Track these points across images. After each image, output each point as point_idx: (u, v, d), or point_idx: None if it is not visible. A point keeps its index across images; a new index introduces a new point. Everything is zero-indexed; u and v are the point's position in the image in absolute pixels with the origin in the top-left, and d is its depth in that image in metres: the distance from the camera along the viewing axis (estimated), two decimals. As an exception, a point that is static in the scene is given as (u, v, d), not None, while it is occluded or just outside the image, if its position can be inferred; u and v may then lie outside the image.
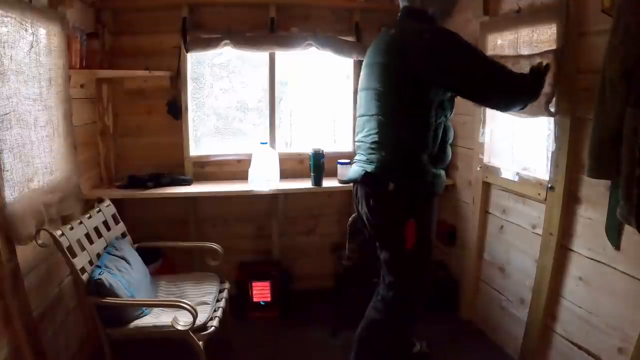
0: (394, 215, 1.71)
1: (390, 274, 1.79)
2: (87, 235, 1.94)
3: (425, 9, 1.70)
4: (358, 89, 1.87)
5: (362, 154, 1.79)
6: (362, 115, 1.80)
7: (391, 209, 1.71)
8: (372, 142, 1.72)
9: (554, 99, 1.76)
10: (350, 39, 2.75)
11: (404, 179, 1.68)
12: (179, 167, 2.74)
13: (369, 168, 1.71)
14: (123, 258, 2.00)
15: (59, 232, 1.76)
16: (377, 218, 1.75)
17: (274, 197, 2.81)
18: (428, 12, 1.70)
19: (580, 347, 1.74)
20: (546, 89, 1.69)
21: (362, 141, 1.79)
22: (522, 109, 1.67)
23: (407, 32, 1.68)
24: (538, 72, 1.66)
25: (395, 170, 1.69)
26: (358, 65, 2.80)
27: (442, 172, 1.80)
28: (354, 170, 1.80)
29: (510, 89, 1.63)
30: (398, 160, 1.69)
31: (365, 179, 1.73)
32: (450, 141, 1.82)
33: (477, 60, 1.62)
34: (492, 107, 1.77)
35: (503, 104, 1.69)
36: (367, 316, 1.88)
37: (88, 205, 2.27)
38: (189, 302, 1.75)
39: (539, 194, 1.93)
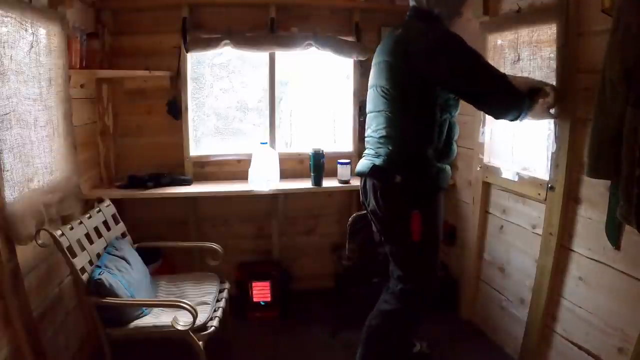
0: (400, 207, 1.74)
1: (398, 268, 1.82)
2: (87, 235, 1.94)
3: (431, 10, 1.72)
4: (368, 86, 1.91)
5: (370, 148, 1.84)
6: (371, 112, 1.85)
7: (397, 201, 1.75)
8: (380, 137, 1.77)
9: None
10: (350, 39, 2.75)
11: (410, 172, 1.72)
12: (179, 167, 2.74)
13: (377, 161, 1.76)
14: (123, 258, 2.00)
15: (59, 232, 1.75)
16: (384, 210, 1.78)
17: (274, 197, 2.81)
18: (434, 12, 1.72)
19: (580, 347, 1.74)
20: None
21: (371, 136, 1.84)
22: (513, 119, 1.69)
23: (412, 32, 1.71)
24: (534, 89, 1.71)
25: (402, 164, 1.73)
26: (358, 65, 2.80)
27: (448, 167, 1.82)
28: (363, 163, 1.85)
29: (508, 98, 1.65)
30: (404, 154, 1.74)
31: (372, 172, 1.77)
32: (455, 138, 1.83)
33: (479, 65, 1.65)
34: (488, 112, 1.78)
35: (502, 110, 1.69)
36: (377, 308, 1.89)
37: (88, 205, 2.27)
38: (189, 302, 1.75)
39: (539, 194, 1.93)
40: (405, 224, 1.72)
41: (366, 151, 1.88)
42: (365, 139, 1.89)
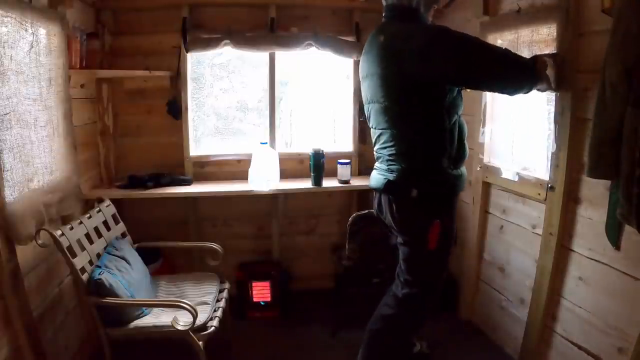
0: (418, 219, 1.70)
1: (407, 272, 1.78)
2: (87, 235, 1.94)
3: (410, 3, 1.63)
4: (363, 101, 1.85)
5: (382, 163, 1.79)
6: (374, 128, 1.79)
7: (415, 214, 1.70)
8: (390, 155, 1.72)
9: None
10: (350, 39, 2.75)
11: (427, 185, 1.68)
12: (179, 167, 2.74)
13: (391, 177, 1.71)
14: (123, 258, 1.99)
15: (59, 232, 1.75)
16: (401, 224, 1.74)
17: (274, 197, 2.81)
18: (413, 5, 1.63)
19: (580, 347, 1.74)
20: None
21: (380, 153, 1.79)
22: (528, 91, 1.63)
23: (397, 36, 1.61)
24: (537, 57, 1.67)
25: (417, 177, 1.69)
26: (358, 65, 2.80)
27: (464, 171, 1.77)
28: (376, 178, 1.80)
29: (517, 73, 1.58)
30: (419, 168, 1.69)
31: (387, 188, 1.72)
32: (465, 137, 1.77)
33: (477, 49, 1.56)
34: (501, 92, 1.70)
35: (515, 87, 1.62)
36: (378, 312, 1.87)
37: (88, 205, 2.27)
38: (189, 302, 1.75)
39: (539, 194, 1.93)
40: (423, 234, 1.68)
41: (378, 164, 1.82)
42: (375, 152, 1.84)
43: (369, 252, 2.30)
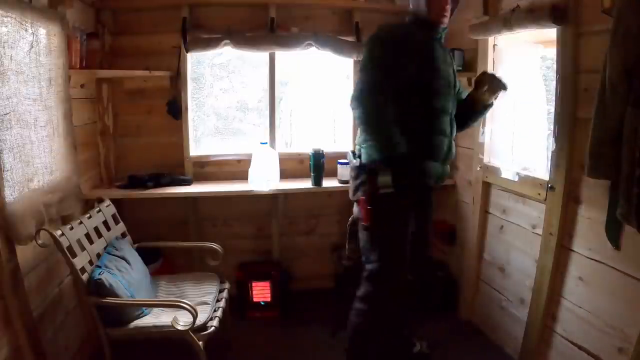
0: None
1: (362, 250, 1.94)
2: (87, 235, 1.94)
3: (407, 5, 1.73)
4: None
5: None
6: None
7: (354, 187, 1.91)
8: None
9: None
10: (350, 39, 2.75)
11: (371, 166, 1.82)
12: (179, 167, 2.74)
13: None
14: (123, 258, 1.99)
15: (59, 232, 1.75)
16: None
17: (274, 197, 2.81)
18: (410, 7, 1.72)
19: (580, 347, 1.74)
20: None
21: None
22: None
23: None
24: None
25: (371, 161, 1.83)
26: (358, 65, 2.80)
27: (430, 164, 1.81)
28: None
29: (365, 112, 1.78)
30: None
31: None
32: (444, 133, 1.80)
33: (364, 72, 1.78)
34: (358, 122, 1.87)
35: (361, 126, 1.85)
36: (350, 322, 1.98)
37: (88, 205, 2.27)
38: (189, 302, 1.75)
39: (539, 194, 1.93)
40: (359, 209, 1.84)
41: None
42: None
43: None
